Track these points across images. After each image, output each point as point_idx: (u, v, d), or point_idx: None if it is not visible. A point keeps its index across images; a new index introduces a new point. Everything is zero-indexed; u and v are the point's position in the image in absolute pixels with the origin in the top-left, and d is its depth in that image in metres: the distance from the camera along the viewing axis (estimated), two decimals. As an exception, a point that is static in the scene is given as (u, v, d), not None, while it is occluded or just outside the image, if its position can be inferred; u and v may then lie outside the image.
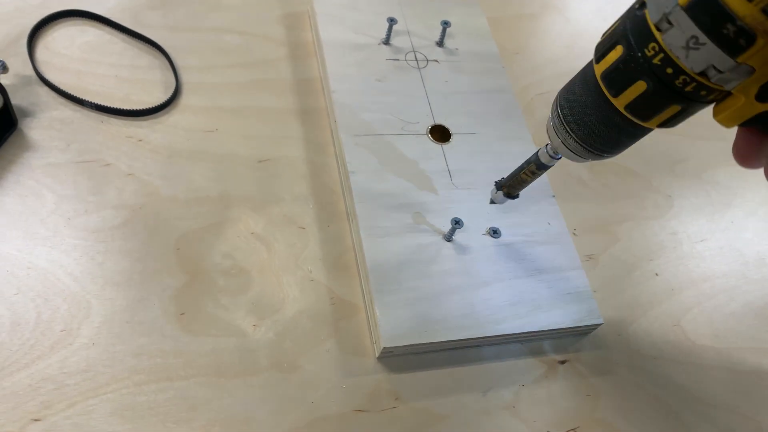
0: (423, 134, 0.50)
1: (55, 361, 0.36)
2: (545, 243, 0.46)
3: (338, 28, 0.54)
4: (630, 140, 0.32)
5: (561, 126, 0.33)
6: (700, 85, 0.26)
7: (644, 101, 0.28)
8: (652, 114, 0.29)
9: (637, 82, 0.28)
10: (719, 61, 0.25)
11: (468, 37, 0.58)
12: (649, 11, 0.26)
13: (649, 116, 0.29)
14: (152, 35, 0.51)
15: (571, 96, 0.32)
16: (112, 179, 0.44)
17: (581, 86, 0.31)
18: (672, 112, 0.28)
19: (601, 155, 0.33)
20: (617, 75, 0.28)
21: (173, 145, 0.46)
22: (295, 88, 0.52)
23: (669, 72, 0.26)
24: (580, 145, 0.33)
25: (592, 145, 0.32)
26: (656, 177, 0.56)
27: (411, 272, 0.42)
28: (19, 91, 0.46)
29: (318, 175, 0.48)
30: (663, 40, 0.26)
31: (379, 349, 0.40)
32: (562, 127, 0.33)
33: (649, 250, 0.51)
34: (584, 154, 0.33)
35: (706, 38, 0.24)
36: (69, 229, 0.41)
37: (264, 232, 0.44)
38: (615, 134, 0.31)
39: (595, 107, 0.30)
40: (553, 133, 0.34)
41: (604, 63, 0.29)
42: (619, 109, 0.29)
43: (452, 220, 0.43)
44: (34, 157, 0.43)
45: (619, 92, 0.29)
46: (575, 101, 0.32)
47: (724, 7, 0.23)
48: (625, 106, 0.29)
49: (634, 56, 0.27)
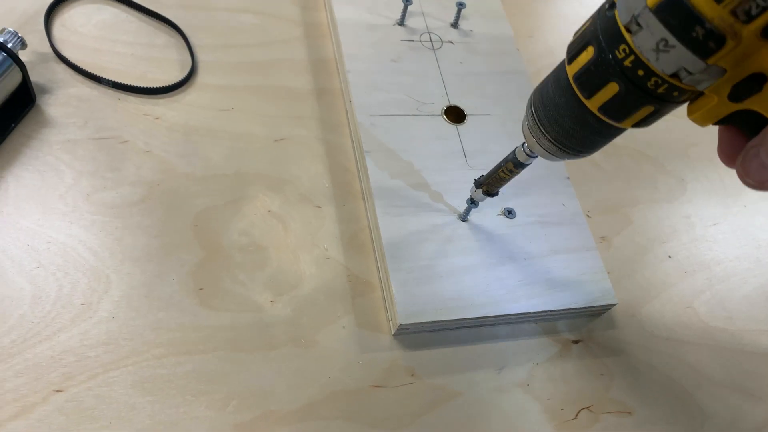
0: (438, 115, 0.50)
1: (76, 334, 0.37)
2: (560, 224, 0.47)
3: (353, 8, 0.54)
4: (604, 140, 0.31)
5: (535, 126, 0.33)
6: (672, 87, 0.26)
7: (617, 103, 0.28)
8: (626, 115, 0.28)
9: (609, 84, 0.27)
10: (690, 64, 0.24)
11: (482, 19, 0.57)
12: (618, 12, 0.26)
13: (623, 117, 0.28)
14: (167, 14, 0.51)
15: (545, 96, 0.31)
16: (129, 156, 0.44)
17: (554, 87, 0.31)
18: (645, 113, 0.28)
19: (576, 155, 0.32)
20: (589, 77, 0.28)
21: (190, 123, 0.47)
22: (310, 68, 0.52)
23: (640, 74, 0.26)
24: (554, 145, 0.32)
25: (565, 145, 0.32)
26: (670, 160, 0.56)
27: (427, 251, 0.42)
28: (36, 68, 0.46)
29: (333, 154, 0.48)
30: (633, 42, 0.25)
31: (395, 326, 0.40)
32: (536, 127, 0.32)
33: (662, 233, 0.51)
34: (558, 153, 0.33)
35: (675, 41, 0.24)
36: (87, 204, 0.41)
37: (280, 210, 0.44)
38: (588, 134, 0.31)
39: (567, 108, 0.30)
40: (528, 132, 0.34)
41: (576, 64, 0.28)
42: (592, 110, 0.29)
43: (468, 200, 0.44)
44: (52, 133, 0.43)
45: (591, 94, 0.28)
46: (549, 102, 0.31)
47: (693, 9, 0.23)
48: (598, 108, 0.29)
49: (605, 58, 0.27)
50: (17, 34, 0.42)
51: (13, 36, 0.42)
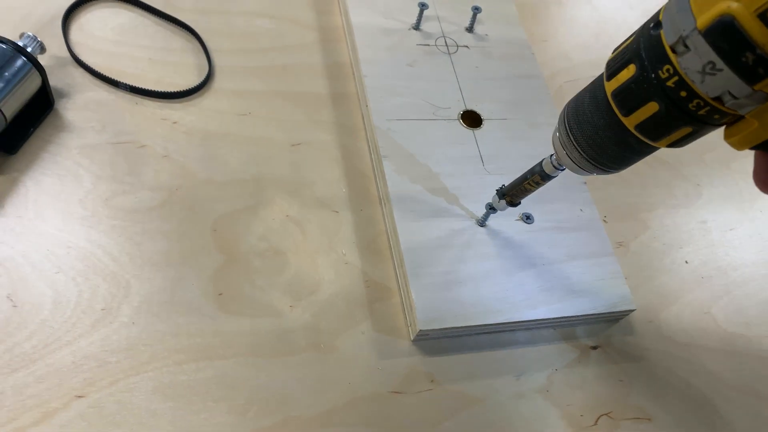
0: (454, 119, 0.50)
1: (97, 339, 0.37)
2: (577, 229, 0.46)
3: (368, 12, 0.54)
4: (636, 157, 0.31)
5: (568, 140, 0.32)
6: (713, 109, 0.25)
7: (655, 122, 0.27)
8: (663, 134, 0.28)
9: (649, 103, 0.27)
10: (736, 88, 0.24)
11: (497, 24, 0.57)
12: (664, 32, 0.26)
13: (660, 137, 0.28)
14: (184, 18, 0.51)
15: (580, 110, 0.31)
16: (148, 161, 0.44)
17: (590, 102, 0.30)
18: (683, 134, 0.27)
19: (606, 170, 0.32)
20: (629, 94, 0.28)
21: (207, 127, 0.47)
22: (326, 73, 0.52)
23: (683, 95, 0.26)
24: (586, 160, 0.32)
25: (598, 160, 0.32)
26: (686, 166, 0.56)
27: (445, 256, 0.42)
28: (55, 72, 0.46)
29: (350, 159, 0.48)
30: (678, 63, 0.25)
31: (414, 331, 0.40)
32: (569, 140, 0.32)
33: (679, 238, 0.51)
34: (588, 168, 0.33)
35: (723, 65, 0.23)
36: (107, 209, 0.41)
37: (298, 215, 0.44)
38: (622, 151, 0.30)
39: (604, 124, 0.30)
40: (559, 145, 0.33)
41: (616, 81, 0.28)
42: (629, 128, 0.29)
43: (486, 206, 0.43)
44: (71, 138, 0.44)
45: (630, 112, 0.28)
46: (583, 116, 0.31)
47: (745, 35, 0.22)
48: (635, 126, 0.28)
49: (647, 77, 0.26)
50: (36, 39, 0.42)
51: (33, 41, 0.42)
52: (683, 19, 0.25)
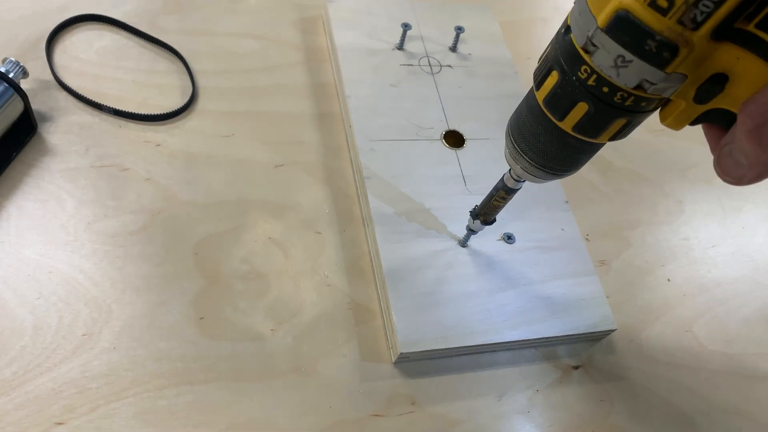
0: (437, 140, 0.50)
1: (78, 365, 0.37)
2: (559, 249, 0.47)
3: (352, 33, 0.54)
4: (585, 156, 0.32)
5: (516, 152, 0.33)
6: (638, 98, 0.26)
7: (589, 121, 0.28)
8: (600, 131, 0.29)
9: (578, 105, 0.28)
10: (650, 75, 0.25)
11: (481, 42, 0.58)
12: (574, 35, 0.27)
13: (597, 133, 0.29)
14: (168, 39, 0.52)
15: (521, 123, 0.32)
16: (130, 184, 0.44)
17: (528, 113, 0.31)
18: (619, 126, 0.28)
19: (560, 174, 0.33)
20: (558, 100, 0.29)
21: (191, 149, 0.47)
22: (311, 93, 0.53)
23: (605, 91, 0.27)
24: (539, 168, 0.33)
25: (548, 166, 0.32)
26: (668, 182, 0.56)
27: (427, 278, 0.42)
28: (38, 96, 0.46)
29: (333, 179, 0.48)
30: (592, 62, 0.26)
31: (395, 354, 0.40)
32: (517, 153, 0.33)
33: (661, 256, 0.51)
34: (543, 175, 0.34)
35: (631, 56, 0.24)
36: (89, 233, 0.41)
37: (281, 237, 0.44)
38: (569, 153, 0.31)
39: (544, 132, 0.31)
40: (511, 160, 0.34)
41: (544, 89, 0.29)
42: (566, 131, 0.30)
43: (466, 227, 0.44)
44: (54, 162, 0.44)
45: (563, 116, 0.29)
46: (525, 128, 0.32)
47: (641, 24, 0.23)
48: (572, 128, 0.29)
49: (570, 80, 0.28)
50: (19, 64, 0.43)
51: (15, 66, 0.42)
52: (586, 21, 0.26)
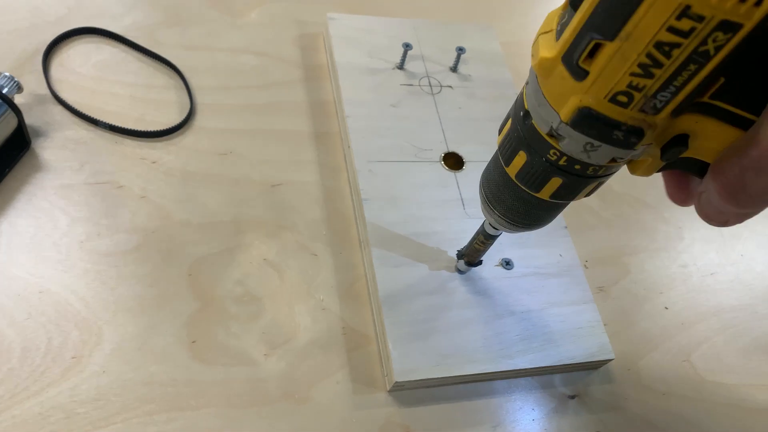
0: (436, 161, 0.50)
1: (66, 389, 0.36)
2: (557, 275, 0.46)
3: (353, 52, 0.54)
4: (559, 210, 0.33)
5: (489, 208, 0.35)
6: (609, 167, 0.27)
7: (566, 190, 0.29)
8: (578, 193, 0.30)
9: (552, 179, 0.29)
10: (620, 154, 0.26)
11: (482, 63, 0.58)
12: (536, 123, 0.27)
13: (576, 195, 0.30)
14: (168, 54, 0.51)
15: (493, 185, 0.34)
16: (125, 202, 0.43)
17: (500, 181, 0.32)
18: (592, 187, 0.29)
19: (532, 228, 0.35)
20: (530, 177, 0.30)
21: (187, 167, 0.46)
22: (310, 111, 0.52)
23: (577, 168, 0.27)
24: (511, 224, 0.35)
25: (520, 223, 0.34)
26: (668, 208, 0.56)
27: (423, 304, 0.42)
28: (33, 110, 0.45)
29: (331, 200, 0.48)
30: (561, 147, 0.27)
31: (390, 382, 0.39)
32: (490, 209, 0.35)
33: (660, 283, 0.51)
34: (516, 229, 0.35)
35: (600, 143, 0.25)
36: (81, 252, 0.41)
37: (276, 258, 0.44)
38: (543, 213, 0.33)
39: (521, 200, 0.32)
40: (486, 212, 0.36)
41: (514, 167, 0.30)
42: (544, 198, 0.31)
43: (455, 266, 0.44)
44: (47, 178, 0.43)
45: (538, 189, 0.30)
46: (499, 193, 0.33)
47: (606, 118, 0.24)
48: (550, 196, 0.30)
49: (540, 161, 0.28)
50: (13, 79, 0.42)
51: (9, 81, 0.42)
52: (547, 113, 0.26)
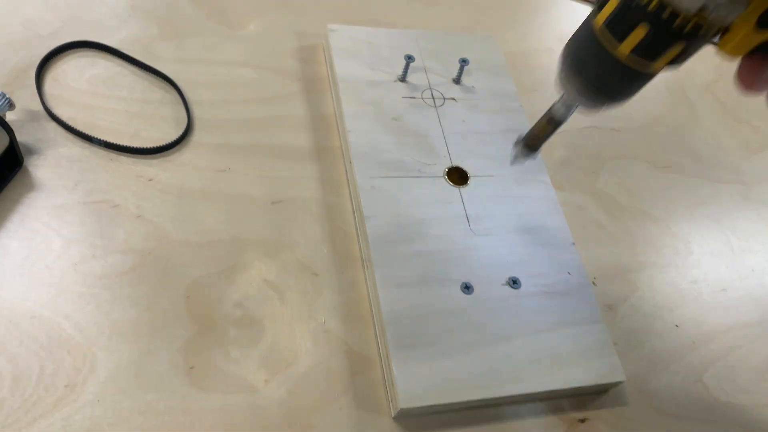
0: (440, 176, 0.49)
1: (59, 419, 0.35)
2: (565, 294, 0.45)
3: (354, 64, 0.53)
4: (639, 82, 0.32)
5: (571, 74, 0.34)
6: (698, 24, 0.27)
7: (647, 45, 0.29)
8: (657, 55, 0.29)
9: (637, 28, 0.29)
10: None
11: (485, 74, 0.56)
12: None
13: (654, 57, 0.30)
14: (164, 67, 0.50)
15: (579, 45, 0.33)
16: (120, 221, 0.42)
17: (585, 35, 0.32)
18: (676, 52, 0.29)
19: (611, 100, 0.34)
20: (617, 23, 0.30)
21: (184, 185, 0.45)
22: (310, 125, 0.51)
23: (666, 16, 0.27)
24: (592, 92, 0.34)
25: (602, 90, 0.33)
26: (675, 222, 0.55)
27: (429, 326, 0.41)
28: (25, 127, 0.44)
29: (332, 217, 0.47)
30: None
31: (395, 408, 0.38)
32: (574, 76, 0.34)
33: (669, 300, 0.50)
34: (596, 99, 0.34)
35: None
36: (75, 275, 0.39)
37: (277, 279, 0.42)
38: (623, 78, 0.32)
39: (602, 54, 0.31)
40: (566, 83, 0.35)
41: (603, 13, 0.30)
42: (624, 53, 0.30)
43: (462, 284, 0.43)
44: (40, 198, 0.42)
45: (622, 38, 0.30)
46: (582, 49, 0.32)
47: None
48: (630, 51, 0.30)
49: (629, 4, 0.28)
50: (5, 96, 0.41)
51: (1, 98, 0.40)
52: None
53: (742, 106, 0.66)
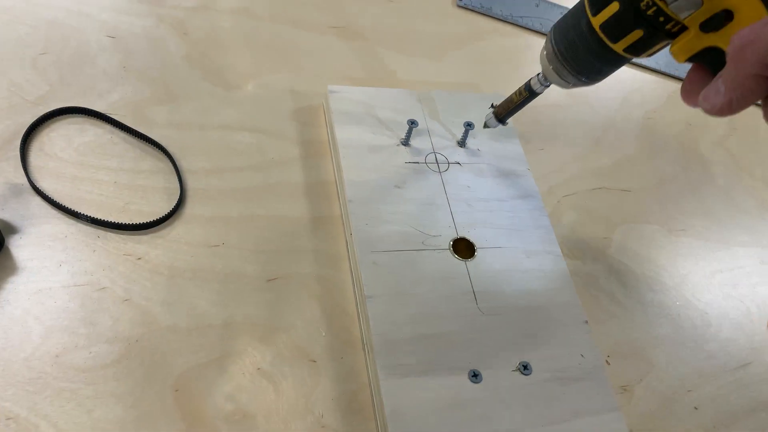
0: (445, 249, 0.46)
1: None
2: (579, 379, 0.42)
3: (355, 128, 0.51)
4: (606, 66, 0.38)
5: (552, 53, 0.39)
6: (659, 10, 0.32)
7: (615, 21, 0.34)
8: (620, 35, 0.35)
9: (611, 3, 0.34)
10: None
11: (491, 135, 0.54)
12: None
13: (617, 37, 0.35)
14: (157, 133, 0.48)
15: (563, 20, 0.38)
16: (106, 306, 0.40)
17: (571, 10, 0.38)
18: (636, 37, 0.34)
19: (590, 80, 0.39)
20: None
21: (175, 263, 0.42)
22: (308, 192, 0.49)
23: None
24: (567, 70, 0.39)
25: (575, 68, 0.39)
26: (690, 289, 0.52)
27: (436, 421, 0.38)
28: (8, 202, 0.42)
29: (331, 294, 0.44)
30: None
31: None
32: (554, 53, 0.39)
33: (687, 379, 0.47)
34: (569, 77, 0.40)
35: None
36: (56, 368, 0.37)
37: (271, 367, 0.40)
38: (607, 67, 0.38)
39: (579, 29, 0.37)
40: (545, 60, 0.41)
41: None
42: (595, 28, 0.36)
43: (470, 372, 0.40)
44: (21, 281, 0.39)
45: (597, 11, 0.35)
46: (564, 24, 0.38)
47: None
48: (600, 25, 0.35)
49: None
50: (-13, 175, 0.39)
51: (-18, 178, 0.38)
52: None
53: (757, 161, 0.64)
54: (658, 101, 0.66)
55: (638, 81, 0.67)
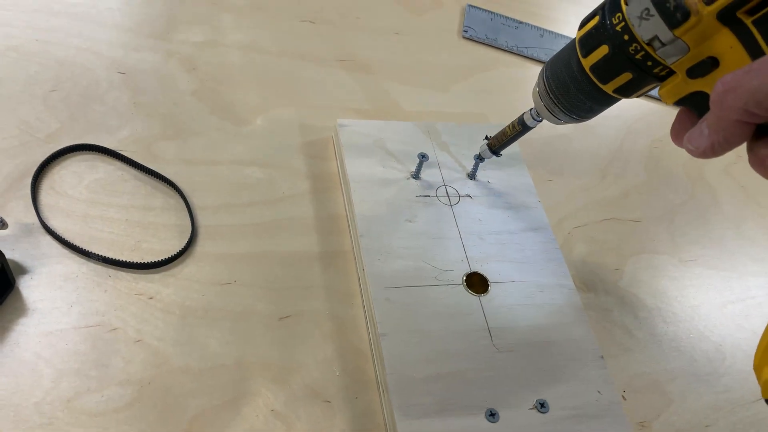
0: (459, 284, 0.46)
1: None
2: (596, 416, 0.42)
3: (365, 162, 0.51)
4: (596, 105, 0.38)
5: (544, 90, 0.40)
6: (647, 55, 0.32)
7: (605, 64, 0.35)
8: (609, 77, 0.35)
9: (601, 46, 0.34)
10: (661, 33, 0.31)
11: (500, 167, 0.54)
12: None
13: (607, 79, 0.35)
14: (167, 169, 0.48)
15: (555, 59, 0.39)
16: (118, 348, 0.39)
17: (564, 50, 0.38)
18: (625, 79, 0.34)
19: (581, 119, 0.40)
20: (589, 39, 0.35)
21: (187, 302, 0.42)
22: (319, 227, 0.49)
23: (626, 39, 0.33)
24: (559, 108, 0.40)
25: (566, 106, 0.39)
26: (705, 322, 0.52)
27: (452, 463, 0.37)
28: (19, 242, 0.42)
29: (344, 332, 0.44)
30: (626, 11, 0.32)
31: None
32: (545, 91, 0.40)
33: (704, 414, 0.46)
34: (560, 115, 0.40)
35: (654, 10, 0.30)
36: (67, 413, 0.36)
37: (285, 408, 0.39)
38: (598, 106, 0.38)
39: (569, 69, 0.37)
40: (537, 97, 0.41)
41: (583, 30, 0.36)
42: (585, 69, 0.36)
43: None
44: (32, 323, 0.39)
45: (587, 53, 0.35)
46: (556, 64, 0.39)
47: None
48: (590, 67, 0.36)
49: (604, 23, 0.34)
50: None
51: (-6, 219, 0.38)
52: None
53: (763, 189, 0.64)
54: (663, 130, 0.66)
55: (644, 110, 0.68)
